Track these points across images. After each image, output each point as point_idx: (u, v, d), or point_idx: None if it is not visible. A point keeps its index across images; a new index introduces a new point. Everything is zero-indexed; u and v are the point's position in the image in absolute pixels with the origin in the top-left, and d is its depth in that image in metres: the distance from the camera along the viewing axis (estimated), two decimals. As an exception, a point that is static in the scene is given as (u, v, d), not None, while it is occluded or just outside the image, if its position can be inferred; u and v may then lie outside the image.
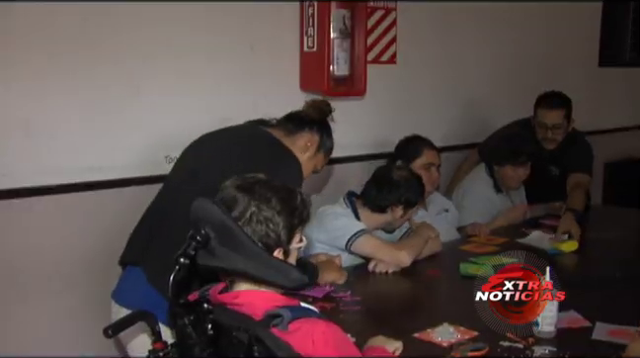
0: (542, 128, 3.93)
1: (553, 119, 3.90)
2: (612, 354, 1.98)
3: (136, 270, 2.35)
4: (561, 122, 3.91)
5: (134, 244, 2.45)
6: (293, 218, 1.74)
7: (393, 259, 2.87)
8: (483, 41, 4.59)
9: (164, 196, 2.50)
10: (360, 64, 3.55)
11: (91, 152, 2.80)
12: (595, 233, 3.89)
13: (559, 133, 3.92)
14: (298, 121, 2.61)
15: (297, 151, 2.53)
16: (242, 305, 1.68)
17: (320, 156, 2.65)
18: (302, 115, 2.63)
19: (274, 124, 2.62)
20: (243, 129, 2.60)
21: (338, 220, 2.94)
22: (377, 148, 3.88)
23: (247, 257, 1.66)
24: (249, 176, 1.79)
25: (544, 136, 3.94)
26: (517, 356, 1.99)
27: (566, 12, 5.26)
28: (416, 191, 3.03)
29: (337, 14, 3.41)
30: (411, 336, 2.12)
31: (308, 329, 1.62)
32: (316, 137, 2.61)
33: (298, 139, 2.57)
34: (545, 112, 3.92)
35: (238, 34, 3.22)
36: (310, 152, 2.60)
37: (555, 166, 4.07)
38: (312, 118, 2.62)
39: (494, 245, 3.30)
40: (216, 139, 2.53)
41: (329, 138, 2.67)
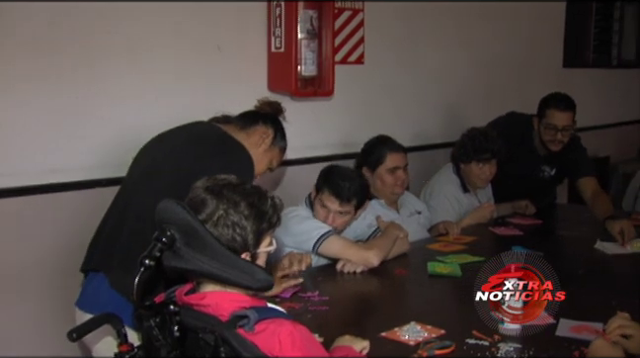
0: (552, 129, 3.85)
1: (564, 120, 3.83)
2: (575, 350, 2.01)
3: (99, 276, 2.33)
4: (571, 124, 3.85)
5: (94, 250, 2.43)
6: (262, 222, 1.74)
7: (361, 259, 2.87)
8: (450, 41, 4.63)
9: (120, 198, 2.49)
10: (328, 65, 3.55)
11: (54, 154, 2.77)
12: (559, 231, 3.96)
13: (567, 135, 3.85)
14: (252, 115, 2.65)
15: (252, 145, 2.55)
16: (208, 306, 1.68)
17: (275, 151, 2.67)
18: (256, 110, 2.68)
19: (228, 120, 2.64)
20: (195, 127, 2.59)
21: (303, 223, 2.93)
22: (346, 148, 3.89)
23: (212, 258, 1.66)
24: (220, 178, 1.78)
25: (552, 138, 3.86)
26: (482, 353, 2.01)
27: (532, 13, 5.33)
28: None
29: (304, 14, 3.41)
30: (378, 335, 2.13)
31: (274, 330, 1.62)
32: (270, 131, 2.64)
33: (252, 133, 2.60)
34: (557, 113, 3.83)
35: (205, 34, 3.21)
36: (265, 145, 2.62)
37: (549, 166, 4.07)
38: (266, 112, 2.67)
39: (462, 244, 3.33)
40: (169, 140, 2.53)
41: (283, 137, 2.70)
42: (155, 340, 1.69)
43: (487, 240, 3.52)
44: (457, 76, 4.74)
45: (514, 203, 4.09)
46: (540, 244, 3.26)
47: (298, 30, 3.39)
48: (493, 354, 2.01)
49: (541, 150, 4.01)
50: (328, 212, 2.97)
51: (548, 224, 3.93)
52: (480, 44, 4.88)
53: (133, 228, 2.27)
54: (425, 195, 3.96)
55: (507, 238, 3.50)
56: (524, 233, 3.61)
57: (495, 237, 3.58)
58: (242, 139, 2.53)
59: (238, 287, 1.70)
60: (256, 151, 2.56)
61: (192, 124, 2.61)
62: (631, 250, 3.21)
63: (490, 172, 3.86)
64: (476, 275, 2.81)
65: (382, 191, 3.48)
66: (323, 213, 2.97)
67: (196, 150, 2.41)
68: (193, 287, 1.77)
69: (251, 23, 3.40)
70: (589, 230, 3.60)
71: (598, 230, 3.50)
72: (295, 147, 3.63)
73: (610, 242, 3.30)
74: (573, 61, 6.04)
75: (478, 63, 4.88)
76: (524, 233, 3.61)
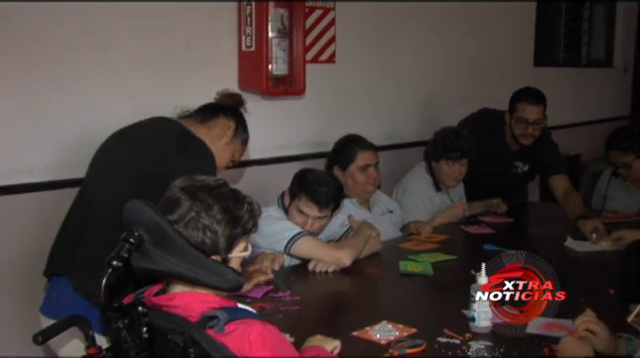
0: (523, 123, 3.88)
1: (535, 114, 3.86)
2: (545, 347, 2.03)
3: (63, 280, 2.30)
4: (542, 117, 3.89)
5: (57, 254, 2.39)
6: (236, 227, 1.73)
7: (333, 259, 2.86)
8: (422, 40, 4.64)
9: (81, 199, 2.44)
10: (299, 64, 3.54)
11: (19, 154, 2.72)
12: (531, 229, 3.99)
13: (538, 128, 3.89)
14: (212, 108, 2.62)
15: (213, 138, 2.53)
16: (177, 307, 1.67)
17: (237, 144, 2.65)
18: (216, 103, 2.65)
19: (187, 114, 2.61)
20: (154, 124, 2.55)
21: (274, 224, 2.91)
22: (317, 148, 3.88)
23: (181, 259, 1.65)
24: (198, 179, 1.77)
25: (524, 132, 3.89)
26: (453, 351, 2.02)
27: (503, 13, 5.36)
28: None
29: (275, 13, 3.40)
30: (350, 335, 2.12)
31: (244, 330, 1.61)
32: (232, 123, 2.61)
33: (214, 126, 2.57)
34: (528, 107, 3.86)
35: (174, 33, 3.18)
36: (227, 138, 2.59)
37: (522, 162, 4.09)
38: (226, 104, 2.63)
39: (433, 243, 3.34)
40: (128, 138, 2.49)
41: (245, 130, 2.67)
42: (124, 342, 1.68)
43: (459, 239, 3.53)
44: (430, 75, 4.76)
45: (486, 201, 4.11)
46: (512, 242, 3.24)
47: (269, 28, 3.37)
48: (464, 352, 2.02)
49: (513, 145, 4.04)
50: (306, 218, 2.95)
51: (520, 223, 3.95)
52: (452, 43, 4.90)
53: (96, 231, 2.24)
54: (397, 193, 3.96)
55: (478, 237, 3.52)
56: (496, 232, 3.62)
57: (467, 236, 3.60)
58: (203, 133, 2.50)
59: (208, 287, 1.69)
60: (218, 144, 2.53)
61: (150, 120, 2.57)
62: (600, 248, 3.23)
63: (460, 171, 3.88)
64: (448, 273, 2.86)
65: (354, 190, 3.48)
66: (301, 219, 2.96)
67: (157, 150, 2.38)
68: (162, 288, 1.75)
69: (221, 22, 3.37)
70: (559, 228, 3.63)
71: (568, 228, 3.53)
72: (266, 147, 3.64)
73: (580, 240, 3.33)
74: (544, 60, 6.10)
75: (450, 62, 4.91)
76: (496, 232, 3.62)
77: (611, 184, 4.20)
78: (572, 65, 6.77)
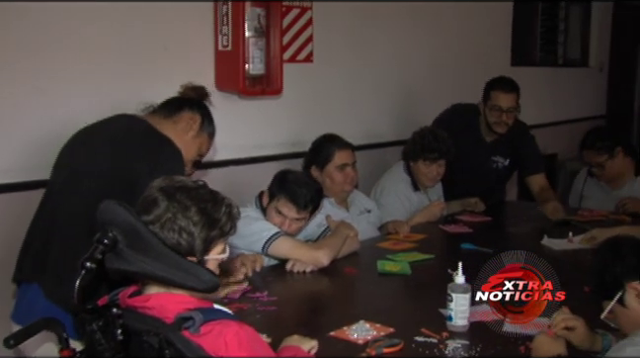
0: (497, 111, 3.93)
1: (508, 102, 3.91)
2: (521, 345, 2.03)
3: (33, 287, 2.26)
4: (515, 105, 3.94)
5: (25, 259, 2.35)
6: (212, 229, 1.71)
7: (311, 259, 2.86)
8: (399, 40, 4.65)
9: (48, 203, 2.40)
10: (276, 63, 3.53)
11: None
12: (508, 228, 4.01)
13: (512, 116, 3.95)
14: (177, 102, 2.59)
15: (179, 133, 2.50)
16: (153, 308, 1.65)
17: (204, 137, 2.62)
18: (180, 97, 2.62)
19: (151, 110, 2.58)
20: (119, 122, 2.51)
21: (252, 224, 2.89)
22: (295, 148, 3.87)
23: (156, 260, 1.64)
24: (177, 179, 1.76)
25: (498, 120, 3.94)
26: (430, 350, 2.02)
27: (480, 14, 5.39)
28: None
29: (251, 12, 3.38)
30: (327, 335, 2.12)
31: (220, 331, 1.61)
32: (197, 117, 2.58)
33: (179, 120, 2.54)
34: (501, 95, 3.92)
35: (151, 33, 3.15)
36: (193, 131, 2.56)
37: (501, 157, 4.14)
38: (190, 97, 2.61)
39: (411, 242, 3.34)
40: (93, 138, 2.45)
41: (211, 122, 2.64)
42: (98, 344, 1.66)
43: (437, 238, 3.54)
44: (408, 75, 4.77)
45: (463, 200, 4.13)
46: (489, 241, 3.30)
47: (246, 28, 3.35)
48: (441, 351, 2.02)
49: (488, 136, 4.09)
50: (284, 219, 2.94)
51: (497, 221, 3.97)
52: (430, 43, 4.91)
53: (65, 235, 2.20)
54: (375, 193, 3.96)
55: (456, 236, 3.53)
56: (474, 231, 3.63)
57: (445, 235, 3.61)
58: (168, 128, 2.48)
59: (183, 288, 1.68)
60: (184, 138, 2.51)
61: (114, 118, 2.53)
62: (577, 246, 3.26)
63: (437, 172, 3.89)
64: (426, 273, 2.87)
65: (332, 189, 3.47)
66: (278, 219, 2.95)
67: (125, 150, 2.36)
68: (137, 289, 1.74)
69: (197, 21, 3.36)
70: (537, 227, 3.66)
71: (545, 227, 3.56)
72: (243, 147, 3.63)
73: (557, 238, 3.35)
74: (521, 60, 6.14)
75: (428, 62, 4.92)
76: (474, 231, 3.63)
77: (587, 183, 4.24)
78: (548, 65, 6.82)
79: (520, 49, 6.17)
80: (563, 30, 7.05)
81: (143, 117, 2.53)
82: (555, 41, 6.99)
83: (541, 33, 6.71)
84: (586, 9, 7.29)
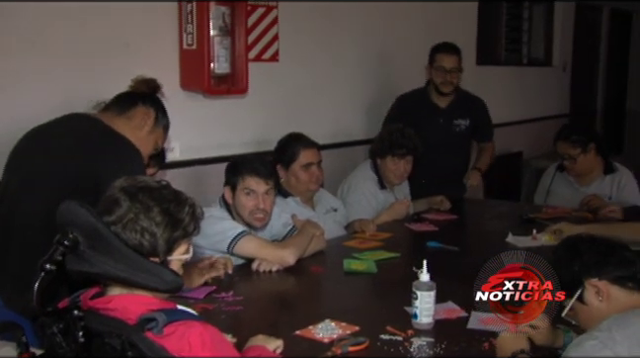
0: (441, 71, 4.25)
1: (451, 63, 4.23)
2: (485, 341, 2.05)
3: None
4: (458, 66, 4.26)
5: None
6: (175, 230, 1.70)
7: (277, 258, 2.85)
8: (366, 39, 4.67)
9: (2, 206, 2.35)
10: (242, 62, 3.52)
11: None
12: (473, 226, 4.04)
13: (455, 77, 4.27)
14: (130, 97, 2.56)
15: (134, 128, 2.48)
16: (115, 310, 1.63)
17: (159, 131, 2.60)
18: (132, 91, 2.58)
19: (103, 107, 2.55)
20: (72, 123, 2.47)
21: (217, 224, 2.87)
22: (261, 147, 3.87)
23: (118, 261, 1.62)
24: (139, 179, 1.74)
25: (443, 80, 4.25)
26: (395, 348, 2.02)
27: (446, 13, 5.43)
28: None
29: (216, 11, 3.37)
30: (292, 334, 2.11)
31: (184, 332, 1.59)
32: (151, 111, 2.56)
33: (133, 116, 2.52)
34: (445, 56, 4.24)
35: (113, 30, 3.12)
36: (148, 127, 2.54)
37: (461, 119, 4.40)
38: (144, 92, 2.58)
39: (377, 241, 3.34)
40: (46, 140, 2.41)
41: (164, 115, 2.62)
42: (58, 348, 1.63)
43: (403, 236, 3.55)
44: (375, 74, 4.79)
45: (429, 199, 4.15)
46: (455, 239, 3.33)
47: (210, 26, 3.34)
48: (406, 349, 2.03)
49: (440, 102, 4.36)
50: (256, 196, 2.92)
51: (463, 219, 4.00)
52: (397, 42, 4.94)
53: (22, 241, 2.16)
54: (342, 191, 3.97)
55: (422, 234, 3.54)
56: (439, 229, 3.64)
57: (410, 233, 3.61)
58: (123, 125, 2.45)
59: (146, 289, 1.66)
60: (140, 134, 2.48)
61: (67, 118, 2.49)
62: (540, 243, 3.29)
63: (405, 169, 3.91)
64: (392, 271, 2.87)
65: (297, 188, 3.47)
66: (251, 200, 2.92)
67: (84, 151, 2.32)
68: (99, 291, 1.71)
69: (161, 19, 3.34)
70: (501, 225, 3.68)
71: (510, 225, 3.59)
72: (209, 146, 3.61)
73: (521, 236, 3.38)
74: (486, 59, 6.20)
75: (395, 61, 4.95)
76: (439, 229, 3.64)
77: (555, 179, 4.28)
78: (513, 64, 6.89)
79: (485, 49, 6.23)
80: (527, 30, 7.14)
81: (96, 115, 2.49)
82: (519, 40, 7.07)
83: (506, 32, 6.79)
84: (549, 9, 7.38)
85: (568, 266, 1.83)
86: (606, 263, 1.79)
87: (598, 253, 1.82)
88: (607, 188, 4.04)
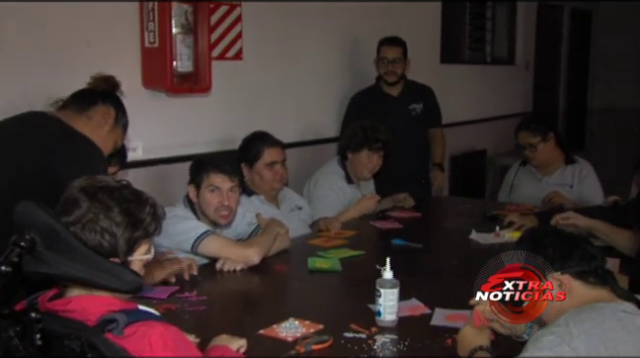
0: (384, 62, 4.53)
1: (393, 53, 4.52)
2: (448, 338, 2.06)
3: None
4: (400, 57, 4.53)
5: None
6: (136, 230, 1.68)
7: (241, 257, 2.83)
8: (331, 37, 4.67)
9: None
10: (205, 60, 3.50)
11: None
12: (438, 223, 4.06)
13: (398, 67, 4.53)
14: (89, 95, 2.51)
15: (94, 128, 2.44)
16: (74, 311, 1.61)
17: (119, 131, 2.57)
18: (91, 89, 2.54)
19: (60, 105, 2.51)
20: (29, 122, 2.42)
21: (181, 223, 2.85)
22: (225, 146, 3.84)
23: (77, 262, 1.59)
24: (99, 179, 1.72)
25: (386, 70, 4.54)
26: (359, 346, 2.02)
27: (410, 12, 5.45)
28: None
29: (178, 9, 3.33)
30: (256, 333, 2.10)
31: (145, 332, 1.58)
32: (111, 110, 2.52)
33: (93, 115, 2.48)
34: (386, 48, 4.53)
35: (72, 27, 3.07)
36: (109, 126, 2.51)
37: (415, 103, 4.64)
38: (103, 90, 2.54)
39: (342, 239, 3.34)
40: (3, 139, 2.36)
41: (124, 114, 2.59)
42: (15, 351, 1.60)
43: (367, 234, 3.55)
44: (341, 72, 4.80)
45: (394, 196, 4.17)
46: (419, 237, 3.34)
47: (173, 24, 3.31)
48: (370, 346, 2.03)
49: (391, 90, 4.60)
50: (220, 193, 2.91)
51: (427, 217, 4.01)
52: (361, 41, 4.94)
53: None
54: (309, 186, 3.97)
55: (387, 232, 3.55)
56: (404, 226, 3.66)
57: (375, 231, 3.62)
58: (82, 124, 2.41)
59: (106, 290, 1.64)
60: (100, 133, 2.45)
61: (22, 117, 2.44)
62: (504, 240, 3.32)
63: (377, 163, 3.96)
64: (356, 269, 2.88)
65: (261, 187, 3.46)
66: (216, 197, 2.90)
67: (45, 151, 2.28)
68: (57, 292, 1.69)
69: (122, 17, 3.30)
70: (465, 222, 3.71)
71: (474, 222, 3.61)
72: (171, 145, 3.58)
73: (485, 233, 3.41)
74: (450, 58, 6.24)
75: (360, 60, 4.95)
76: (404, 226, 3.66)
77: (519, 173, 4.33)
78: (477, 63, 6.95)
79: (449, 48, 6.27)
80: (490, 29, 7.20)
81: (54, 114, 2.44)
82: (483, 39, 7.13)
83: (469, 31, 6.84)
84: (511, 9, 7.46)
85: (531, 259, 1.83)
86: (570, 257, 1.80)
87: (562, 247, 1.82)
88: (569, 177, 4.10)
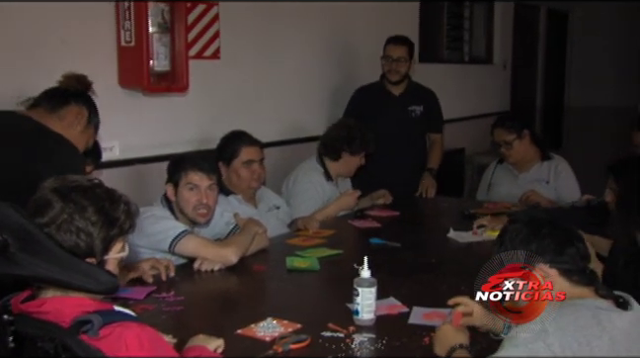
0: (388, 60, 4.50)
1: (397, 52, 4.48)
2: (426, 336, 2.06)
3: None
4: (404, 56, 4.50)
5: None
6: (112, 229, 1.67)
7: (219, 257, 2.81)
8: (307, 37, 4.66)
9: None
10: (182, 60, 3.48)
11: None
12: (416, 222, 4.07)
13: (402, 66, 4.50)
14: (61, 95, 2.49)
15: (66, 127, 2.42)
16: (48, 312, 1.59)
17: (90, 131, 2.55)
18: (64, 88, 2.51)
19: (31, 103, 2.48)
20: (3, 120, 2.40)
21: (158, 223, 2.83)
22: (202, 145, 3.83)
23: (52, 263, 1.58)
24: (70, 179, 1.70)
25: (390, 68, 4.50)
26: (337, 345, 2.02)
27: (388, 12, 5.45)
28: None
29: (155, 8, 3.31)
30: (234, 333, 2.10)
31: (120, 333, 1.56)
32: (84, 110, 2.50)
33: (65, 115, 2.46)
34: (391, 47, 4.50)
35: (47, 26, 3.04)
36: (81, 126, 2.49)
37: (415, 105, 4.62)
38: (76, 90, 2.51)
39: (321, 238, 3.34)
40: None
41: (96, 114, 2.57)
42: (-13, 354, 1.58)
43: (346, 233, 3.55)
44: (317, 72, 4.79)
45: (372, 194, 4.18)
46: (398, 236, 3.34)
47: (149, 23, 3.28)
48: (347, 345, 2.03)
49: (394, 90, 4.58)
50: (199, 191, 2.90)
51: (406, 216, 4.02)
52: (339, 40, 4.94)
53: None
54: (288, 184, 3.97)
55: (365, 231, 3.55)
56: (382, 225, 3.66)
57: (354, 230, 3.62)
58: (54, 124, 2.38)
59: (81, 291, 1.62)
60: (72, 133, 2.42)
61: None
62: (481, 238, 3.33)
63: (360, 163, 4.09)
64: (334, 268, 2.87)
65: (239, 186, 3.46)
66: (195, 195, 2.90)
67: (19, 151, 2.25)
68: (30, 294, 1.67)
69: (97, 16, 3.27)
70: (443, 221, 3.73)
71: (452, 220, 3.62)
72: (149, 145, 3.56)
73: (463, 231, 3.42)
74: (428, 57, 6.25)
75: (338, 59, 4.95)
76: (382, 225, 3.66)
77: (496, 171, 4.36)
78: (455, 62, 6.97)
79: (427, 47, 6.28)
80: (468, 28, 7.23)
81: (24, 113, 2.41)
82: (461, 39, 7.16)
83: (447, 31, 6.87)
84: (489, 8, 7.49)
85: (525, 243, 1.81)
86: (562, 253, 1.78)
87: (557, 241, 1.79)
88: (545, 173, 4.14)
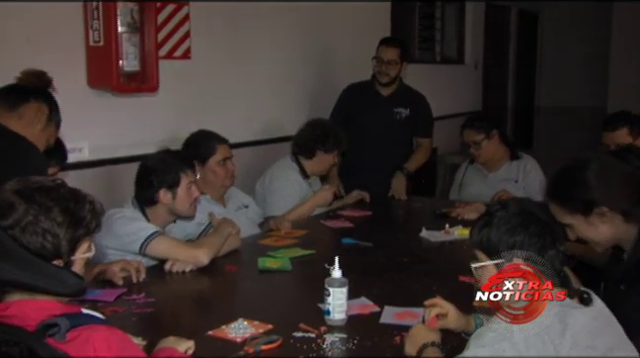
0: (379, 62, 4.48)
1: (389, 54, 4.45)
2: (397, 335, 2.06)
3: None
4: (395, 59, 4.46)
5: None
6: (78, 228, 1.64)
7: (190, 258, 2.79)
8: (280, 38, 4.64)
9: None
10: (152, 60, 3.45)
11: None
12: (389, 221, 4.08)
13: (392, 68, 4.47)
14: (20, 92, 2.44)
15: (26, 126, 2.38)
16: (13, 316, 1.56)
17: (51, 129, 2.51)
18: (22, 85, 2.46)
19: None
20: None
21: (129, 224, 2.81)
22: (173, 145, 3.76)
23: (16, 266, 1.55)
24: (33, 180, 1.67)
25: (379, 69, 4.49)
26: (308, 345, 2.01)
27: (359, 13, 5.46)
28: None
29: (124, 7, 3.28)
30: (204, 334, 2.08)
31: (88, 336, 1.54)
32: (44, 107, 2.46)
33: (25, 112, 2.41)
34: (383, 48, 4.48)
35: (11, 23, 2.99)
36: (42, 124, 2.45)
37: (402, 107, 4.59)
38: (35, 86, 2.46)
39: (293, 238, 3.33)
40: None
41: (57, 111, 2.52)
42: (-51, 360, 1.55)
43: (318, 233, 3.54)
44: (289, 72, 4.78)
45: (347, 196, 4.21)
46: (370, 235, 3.35)
47: (118, 23, 3.25)
48: (319, 345, 2.02)
49: (383, 90, 4.56)
50: (196, 187, 2.99)
51: (378, 215, 4.02)
52: (311, 40, 4.94)
53: None
54: (264, 182, 3.97)
55: (338, 231, 3.55)
56: (355, 225, 3.66)
57: (326, 230, 3.61)
58: (13, 122, 2.34)
59: (48, 294, 1.60)
60: (32, 131, 2.38)
61: None
62: (453, 237, 3.34)
63: (334, 161, 4.12)
64: (306, 268, 2.87)
65: (213, 184, 3.46)
66: (196, 191, 2.98)
67: None
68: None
69: (64, 14, 3.22)
70: (416, 220, 3.74)
71: (425, 220, 3.63)
72: (118, 146, 3.53)
73: (435, 231, 3.43)
74: (400, 57, 6.25)
75: (311, 60, 4.95)
76: (355, 225, 3.66)
77: (468, 171, 4.39)
78: (427, 62, 7.00)
79: (399, 47, 6.29)
80: (440, 29, 7.28)
81: None
82: (432, 39, 7.20)
83: (419, 31, 6.90)
84: (460, 9, 7.55)
85: (511, 233, 1.80)
86: (544, 255, 1.78)
87: (543, 242, 1.80)
88: (514, 172, 4.18)
